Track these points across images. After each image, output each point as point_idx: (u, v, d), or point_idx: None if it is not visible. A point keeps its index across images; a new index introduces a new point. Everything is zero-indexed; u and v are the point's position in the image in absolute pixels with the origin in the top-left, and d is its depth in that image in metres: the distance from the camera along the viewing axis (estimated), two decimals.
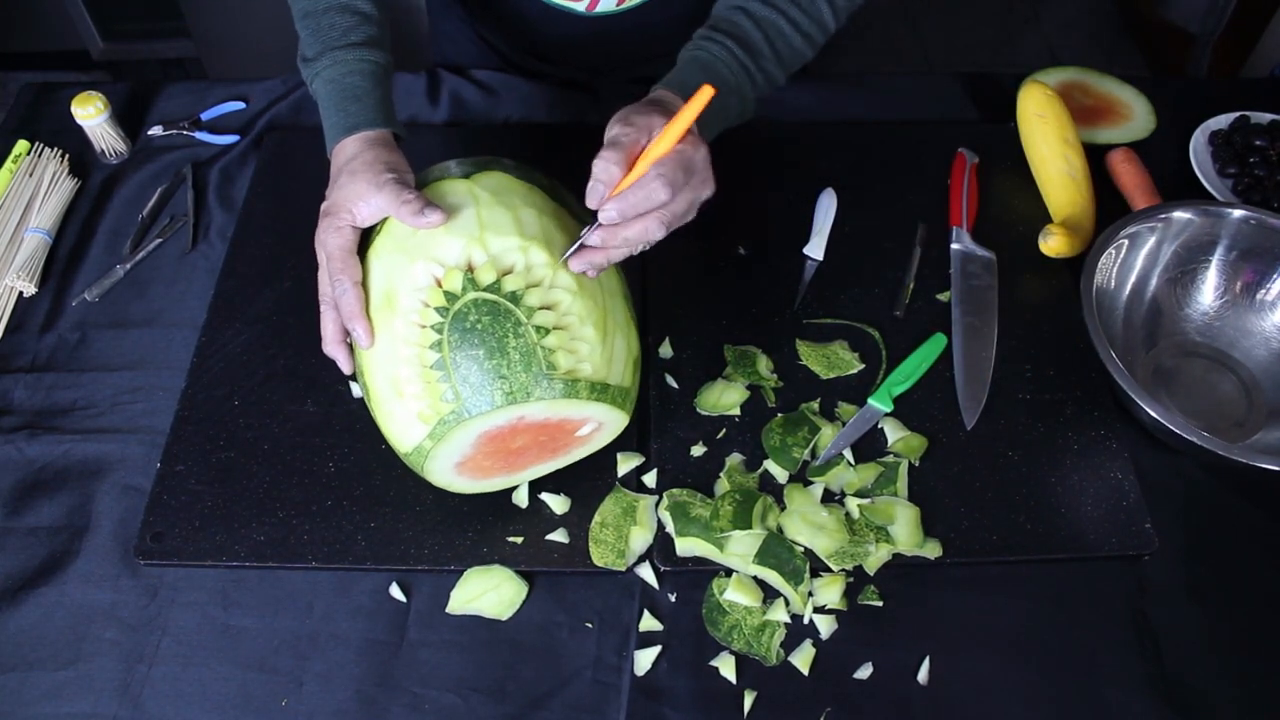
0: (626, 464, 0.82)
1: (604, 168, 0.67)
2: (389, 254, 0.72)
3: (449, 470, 0.73)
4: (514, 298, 0.68)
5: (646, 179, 0.67)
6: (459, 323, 0.67)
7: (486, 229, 0.70)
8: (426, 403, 0.69)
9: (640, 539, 0.77)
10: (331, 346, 0.75)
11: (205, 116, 1.12)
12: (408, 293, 0.69)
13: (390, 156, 0.75)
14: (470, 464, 0.73)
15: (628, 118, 0.70)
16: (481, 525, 0.79)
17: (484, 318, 0.67)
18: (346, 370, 0.76)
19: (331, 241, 0.73)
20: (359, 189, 0.73)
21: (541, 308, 0.69)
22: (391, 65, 0.83)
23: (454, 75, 1.13)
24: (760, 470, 0.82)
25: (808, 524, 0.77)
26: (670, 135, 0.67)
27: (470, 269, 0.69)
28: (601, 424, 0.75)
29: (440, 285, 0.69)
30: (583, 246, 0.70)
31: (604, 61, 1.11)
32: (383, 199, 0.72)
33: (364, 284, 0.73)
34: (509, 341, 0.67)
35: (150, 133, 1.10)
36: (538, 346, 0.67)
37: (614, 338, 0.72)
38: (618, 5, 0.98)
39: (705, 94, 0.66)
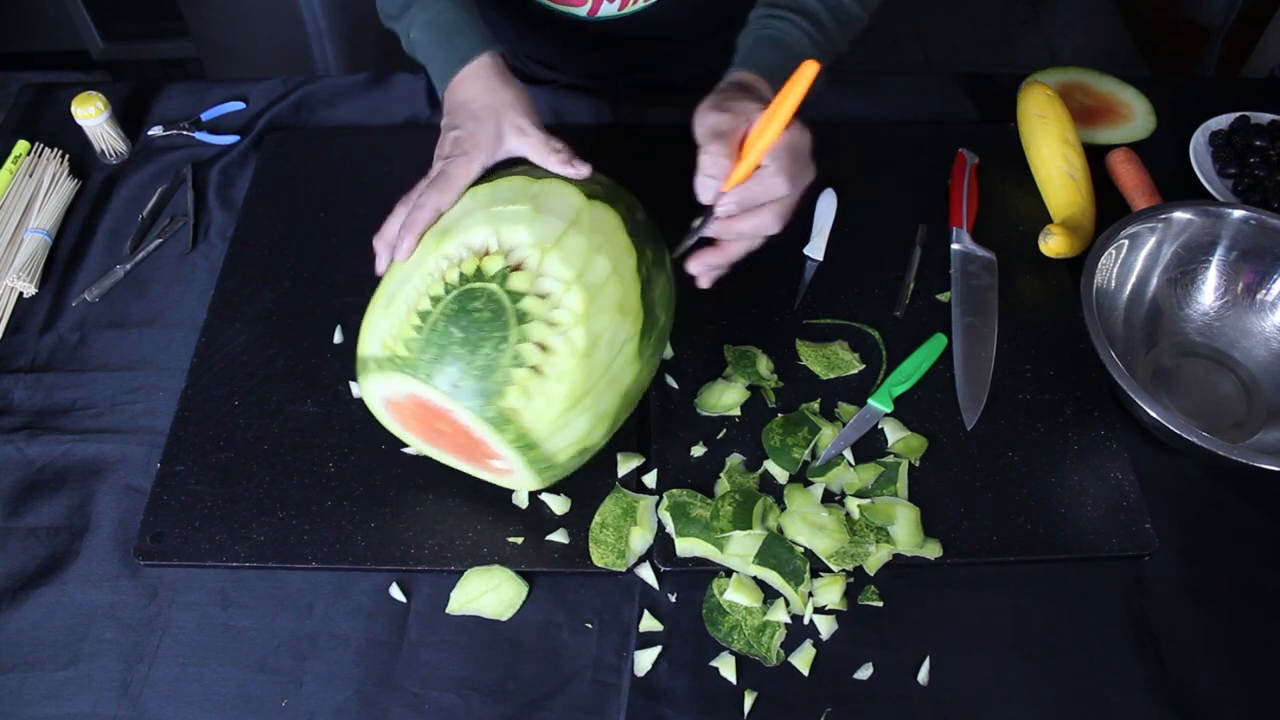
0: (626, 464, 0.82)
1: (713, 161, 0.66)
2: (478, 203, 0.73)
3: (380, 400, 0.74)
4: (521, 316, 0.67)
5: (765, 172, 0.65)
6: (466, 298, 0.68)
7: (557, 249, 0.69)
8: (395, 333, 0.69)
9: (640, 539, 0.77)
10: (381, 243, 0.76)
11: (205, 117, 1.12)
12: (458, 244, 0.70)
13: (522, 94, 0.78)
14: (398, 410, 0.74)
15: (722, 105, 0.68)
16: (481, 525, 0.79)
17: (485, 311, 0.67)
18: (380, 269, 0.76)
19: (457, 168, 0.74)
20: (503, 131, 0.76)
21: (535, 342, 0.68)
22: None
23: None
24: (760, 471, 0.82)
25: (808, 524, 0.77)
26: (779, 121, 0.65)
27: (514, 266, 0.69)
28: (513, 470, 0.73)
29: (481, 257, 0.69)
30: (700, 241, 0.68)
31: (607, 66, 1.10)
32: (526, 145, 0.75)
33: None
34: (484, 346, 0.67)
35: (150, 133, 1.10)
36: (502, 369, 0.67)
37: (579, 416, 0.70)
38: (620, 10, 0.98)
39: (809, 70, 0.63)
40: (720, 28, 0.84)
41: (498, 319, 0.67)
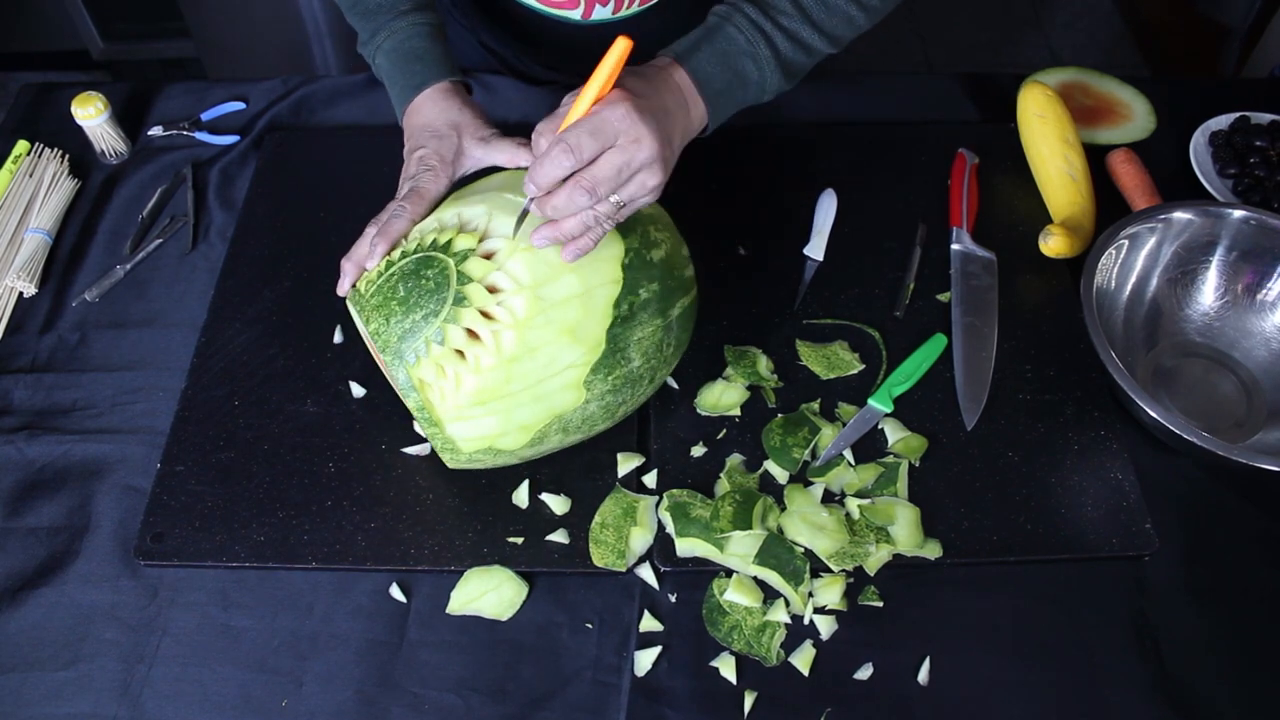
0: (627, 464, 0.82)
1: (535, 139, 0.69)
2: (502, 183, 0.75)
3: (359, 327, 0.78)
4: (459, 299, 0.69)
5: (551, 147, 0.66)
6: (423, 264, 0.70)
7: (528, 252, 0.69)
8: (371, 274, 0.74)
9: (640, 540, 0.77)
10: (349, 263, 0.77)
11: (205, 117, 1.12)
12: (455, 212, 0.73)
13: (480, 112, 0.81)
14: (368, 340, 0.78)
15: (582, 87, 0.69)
16: (481, 525, 0.79)
17: (431, 283, 0.70)
18: (343, 290, 0.77)
19: (427, 182, 0.76)
20: (464, 146, 0.79)
21: (464, 327, 0.69)
22: (442, 24, 0.85)
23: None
24: (760, 471, 0.82)
25: (808, 524, 0.77)
26: (584, 99, 0.66)
27: (480, 253, 0.70)
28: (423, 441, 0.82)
29: (460, 233, 0.71)
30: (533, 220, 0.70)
31: None
32: (494, 152, 0.78)
33: (468, 176, 0.80)
34: (415, 313, 0.70)
35: (150, 133, 1.10)
36: (423, 338, 0.69)
37: (488, 416, 0.71)
38: (613, 14, 0.98)
39: (617, 47, 0.65)
40: None
41: (438, 293, 0.69)
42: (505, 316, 0.69)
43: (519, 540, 0.78)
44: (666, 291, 0.75)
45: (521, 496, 0.80)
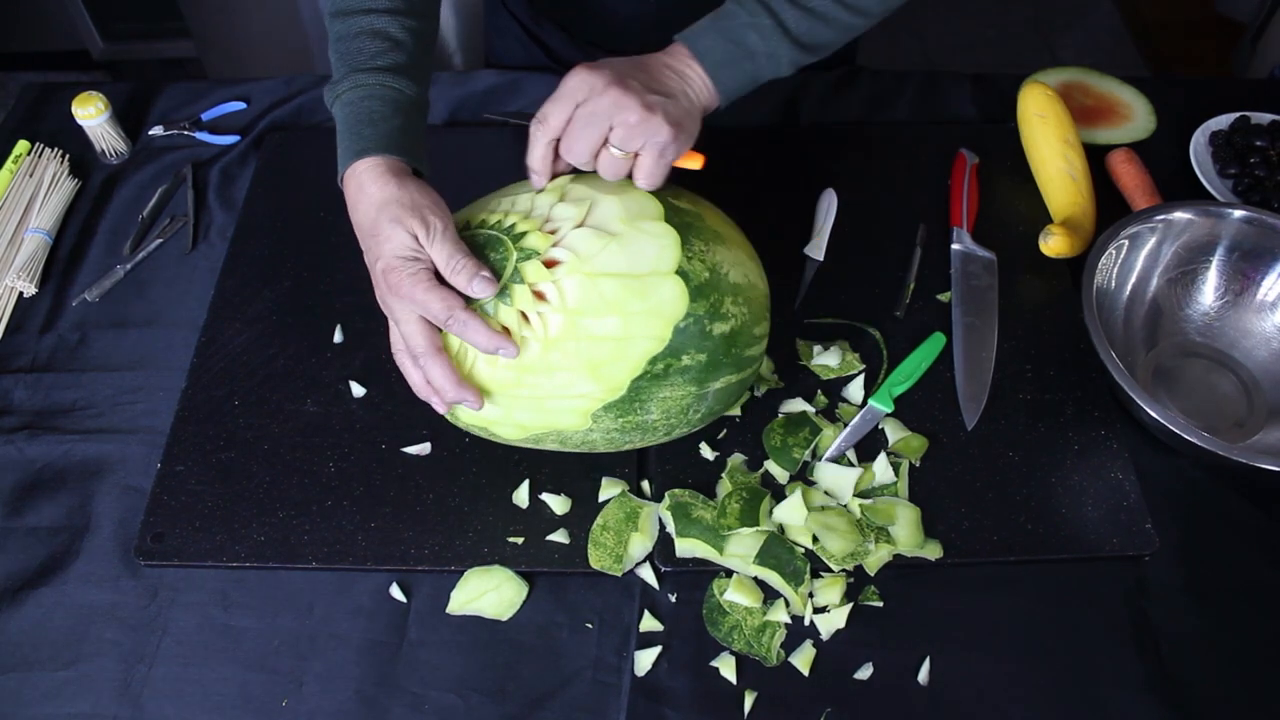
0: (610, 489, 0.80)
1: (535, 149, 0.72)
2: (617, 204, 0.71)
3: None
4: (504, 293, 0.68)
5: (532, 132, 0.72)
6: (489, 244, 0.70)
7: (588, 280, 0.67)
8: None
9: (639, 546, 0.77)
10: (457, 391, 0.69)
11: (205, 116, 1.12)
12: (550, 204, 0.72)
13: (424, 198, 0.69)
14: None
15: (599, 82, 0.70)
16: (482, 525, 0.79)
17: (487, 264, 0.69)
18: (477, 405, 0.70)
19: (419, 290, 0.67)
20: (413, 238, 0.68)
21: (500, 321, 0.68)
22: (423, 100, 0.77)
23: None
24: (761, 471, 0.82)
25: (815, 523, 0.76)
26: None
27: (544, 258, 0.68)
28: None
29: (537, 229, 0.70)
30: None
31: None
32: (436, 253, 0.68)
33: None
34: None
35: (150, 133, 1.10)
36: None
37: (493, 405, 0.71)
38: None
39: None
40: None
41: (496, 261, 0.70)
42: (538, 328, 0.68)
43: (519, 540, 0.78)
44: (713, 364, 0.71)
45: (521, 496, 0.80)
